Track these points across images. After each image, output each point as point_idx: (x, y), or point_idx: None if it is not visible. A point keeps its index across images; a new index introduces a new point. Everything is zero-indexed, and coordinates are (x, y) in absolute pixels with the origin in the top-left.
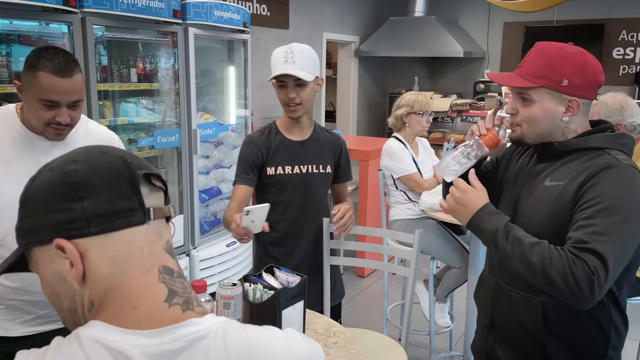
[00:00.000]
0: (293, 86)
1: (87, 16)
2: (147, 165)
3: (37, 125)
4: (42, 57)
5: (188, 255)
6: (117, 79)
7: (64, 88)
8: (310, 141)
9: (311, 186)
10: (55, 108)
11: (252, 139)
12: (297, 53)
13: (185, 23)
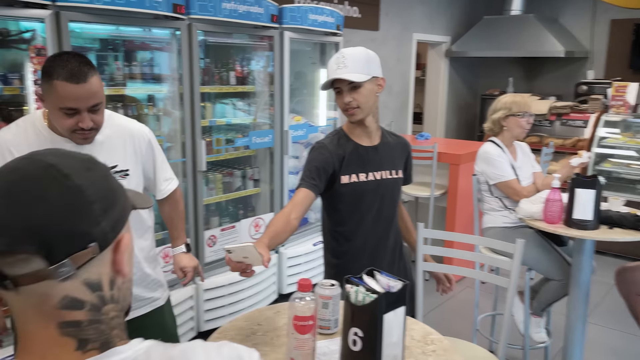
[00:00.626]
0: (348, 90)
1: (193, 22)
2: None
3: (63, 132)
4: (56, 64)
5: (277, 252)
6: (217, 82)
7: (80, 94)
8: (381, 146)
9: (386, 193)
10: (76, 114)
11: (324, 145)
12: (349, 57)
13: (281, 27)
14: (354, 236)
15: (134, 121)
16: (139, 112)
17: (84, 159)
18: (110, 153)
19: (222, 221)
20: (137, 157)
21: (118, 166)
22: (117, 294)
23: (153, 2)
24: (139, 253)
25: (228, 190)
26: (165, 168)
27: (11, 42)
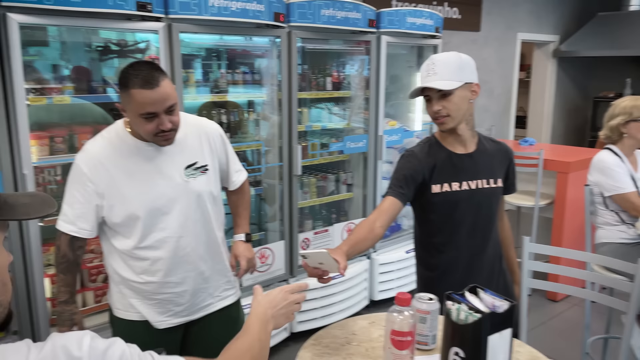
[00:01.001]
0: (437, 98)
1: (292, 30)
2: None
3: (146, 137)
4: (130, 75)
5: (369, 258)
6: (314, 88)
7: (156, 98)
8: (477, 153)
9: (482, 203)
10: (155, 118)
11: (413, 153)
12: (438, 63)
13: (378, 31)
14: (447, 248)
15: (204, 119)
16: (240, 117)
17: None
18: (190, 151)
19: (316, 224)
20: (212, 152)
21: (198, 162)
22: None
23: (256, 12)
24: (222, 244)
25: (322, 194)
26: (235, 160)
27: (128, 52)
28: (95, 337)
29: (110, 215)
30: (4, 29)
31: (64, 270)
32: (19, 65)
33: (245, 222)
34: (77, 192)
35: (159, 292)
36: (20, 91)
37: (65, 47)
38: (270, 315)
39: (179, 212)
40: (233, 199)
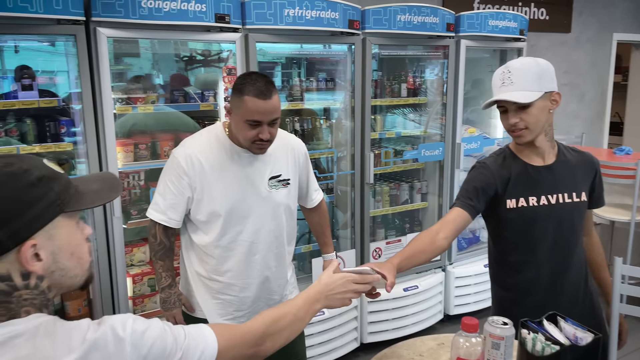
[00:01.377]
0: (514, 110)
1: (367, 37)
2: None
3: (244, 142)
4: (247, 83)
5: (444, 270)
6: (388, 94)
7: (266, 109)
8: (557, 165)
9: (563, 219)
10: (258, 127)
11: (485, 165)
12: (515, 72)
13: (457, 35)
14: (525, 267)
15: (292, 135)
16: (313, 124)
17: (5, 172)
18: (277, 163)
19: (388, 234)
20: (296, 168)
21: (282, 175)
22: (34, 283)
23: (331, 19)
24: (289, 258)
25: (395, 203)
26: (314, 179)
27: (211, 61)
28: (137, 319)
29: (196, 209)
30: (95, 42)
31: (163, 257)
32: (108, 76)
33: (330, 240)
34: (171, 183)
35: (224, 292)
36: (108, 101)
37: (155, 58)
38: (324, 296)
39: (256, 218)
40: (315, 219)
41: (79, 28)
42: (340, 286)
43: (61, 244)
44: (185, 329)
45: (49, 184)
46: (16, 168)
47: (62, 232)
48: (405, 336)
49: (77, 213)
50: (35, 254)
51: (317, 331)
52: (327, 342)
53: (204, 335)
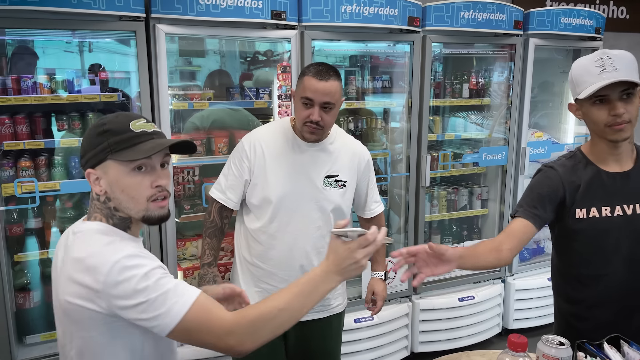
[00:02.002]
0: (618, 99)
1: (427, 34)
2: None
3: (298, 124)
4: (311, 66)
5: (503, 281)
6: (449, 95)
7: (318, 88)
8: (635, 172)
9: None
10: (311, 107)
11: (552, 169)
12: (617, 58)
13: (525, 34)
14: (594, 282)
15: (357, 141)
16: (368, 124)
17: (97, 123)
18: (337, 163)
19: (444, 240)
20: (354, 173)
21: (339, 176)
22: (103, 199)
23: (389, 16)
24: None
25: (452, 209)
26: (376, 190)
27: (273, 62)
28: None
29: (251, 193)
30: (154, 38)
31: (211, 235)
32: (165, 72)
33: (383, 258)
34: (234, 165)
35: (265, 280)
36: (165, 97)
37: (222, 60)
38: (337, 272)
39: (305, 212)
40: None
41: (139, 24)
42: (349, 257)
43: (112, 180)
44: (178, 282)
45: (108, 136)
46: (101, 122)
47: (112, 172)
48: (459, 348)
49: (132, 161)
50: (97, 179)
51: (365, 336)
52: (376, 349)
53: (186, 294)
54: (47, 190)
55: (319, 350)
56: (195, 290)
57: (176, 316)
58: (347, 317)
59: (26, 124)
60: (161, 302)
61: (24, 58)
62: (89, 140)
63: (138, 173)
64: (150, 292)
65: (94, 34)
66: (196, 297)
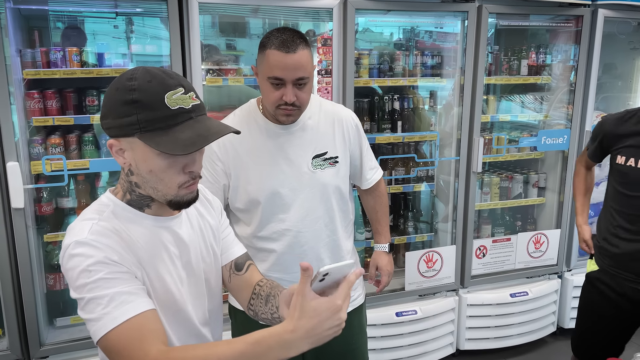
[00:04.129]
0: None
1: (484, 4)
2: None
3: (270, 108)
4: (271, 35)
5: (560, 277)
6: (505, 72)
7: (287, 63)
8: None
9: None
10: (282, 87)
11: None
12: None
13: (594, 4)
14: None
15: (340, 106)
16: (415, 104)
17: (122, 82)
18: (322, 139)
19: (495, 231)
20: (345, 143)
21: (328, 153)
22: (127, 171)
23: None
24: (344, 248)
25: (505, 197)
26: (370, 156)
27: (313, 42)
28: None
29: (234, 198)
30: (186, 7)
31: None
32: (198, 46)
33: (386, 229)
34: (207, 171)
35: None
36: (197, 70)
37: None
38: (304, 337)
39: (300, 204)
40: (370, 201)
41: None
42: (332, 318)
43: (139, 159)
44: (122, 291)
45: (138, 109)
46: (130, 84)
47: (139, 150)
48: (509, 347)
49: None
50: (122, 151)
51: (407, 331)
52: (419, 345)
53: (120, 308)
54: (77, 168)
55: (342, 349)
56: (136, 307)
57: (100, 330)
58: (388, 309)
59: (56, 99)
60: (92, 307)
61: (71, 38)
62: (113, 104)
63: (170, 155)
64: (85, 291)
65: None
66: (129, 317)
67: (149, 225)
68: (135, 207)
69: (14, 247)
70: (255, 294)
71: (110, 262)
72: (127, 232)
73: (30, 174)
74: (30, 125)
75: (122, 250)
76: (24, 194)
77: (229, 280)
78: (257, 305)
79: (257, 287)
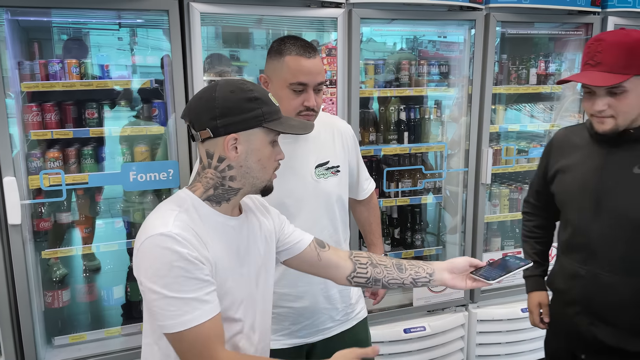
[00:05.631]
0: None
1: (491, 12)
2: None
3: (290, 115)
4: (286, 42)
5: None
6: (513, 81)
7: (311, 68)
8: None
9: None
10: (303, 92)
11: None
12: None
13: (604, 11)
14: None
15: (334, 116)
16: (421, 115)
17: (236, 85)
18: (323, 149)
19: (505, 244)
20: (344, 153)
21: (330, 162)
22: (223, 167)
23: None
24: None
25: (515, 209)
26: (364, 167)
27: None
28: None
29: None
30: (188, 17)
31: None
32: (199, 55)
33: (380, 241)
34: None
35: (275, 304)
36: (199, 80)
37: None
38: None
39: (307, 214)
40: (364, 213)
41: (172, 3)
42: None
43: (254, 148)
44: (194, 297)
45: (260, 104)
46: (245, 87)
47: (257, 140)
48: None
49: (274, 133)
50: (235, 147)
51: (416, 348)
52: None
53: (197, 313)
54: (76, 182)
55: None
56: (206, 314)
57: (168, 328)
58: (396, 326)
59: (55, 112)
60: (165, 305)
61: (72, 50)
62: (235, 103)
63: (272, 146)
64: (162, 285)
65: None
66: (198, 324)
67: (220, 222)
68: (213, 202)
69: (10, 264)
70: (364, 264)
71: (191, 260)
72: (202, 227)
73: (28, 189)
74: (28, 138)
75: (199, 245)
76: (22, 210)
77: (318, 259)
78: (379, 273)
79: (360, 258)
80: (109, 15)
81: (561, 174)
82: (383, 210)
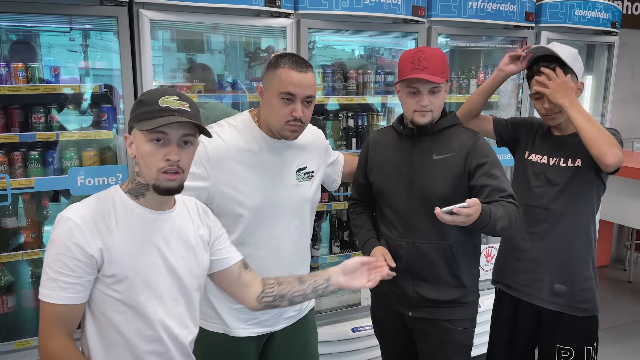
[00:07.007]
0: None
1: (433, 25)
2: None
3: (277, 124)
4: (282, 57)
5: None
6: (455, 91)
7: (300, 81)
8: None
9: None
10: (292, 103)
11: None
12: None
13: (537, 27)
14: None
15: (313, 126)
16: (369, 122)
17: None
18: (303, 154)
19: None
20: (319, 160)
21: (307, 167)
22: (134, 162)
23: (392, 5)
24: (308, 253)
25: None
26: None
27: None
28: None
29: (221, 205)
30: (137, 24)
31: None
32: (149, 61)
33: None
34: (194, 167)
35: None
36: (149, 87)
37: (227, 60)
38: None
39: (285, 214)
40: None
41: (121, 10)
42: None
43: (137, 146)
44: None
45: (140, 106)
46: (148, 91)
47: (137, 138)
48: None
49: (150, 132)
50: (131, 143)
51: (364, 347)
52: None
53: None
54: (22, 187)
55: (303, 347)
56: (63, 299)
57: (41, 296)
58: (344, 325)
59: (0, 115)
60: (45, 277)
61: (20, 52)
62: (133, 109)
63: (155, 144)
64: (49, 260)
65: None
66: (56, 303)
67: (137, 213)
68: (133, 195)
69: None
70: (272, 284)
71: (68, 245)
72: (112, 216)
73: None
74: None
75: (95, 234)
76: None
77: (238, 277)
78: (283, 289)
79: (268, 280)
80: (59, 19)
81: (379, 166)
82: (333, 213)
